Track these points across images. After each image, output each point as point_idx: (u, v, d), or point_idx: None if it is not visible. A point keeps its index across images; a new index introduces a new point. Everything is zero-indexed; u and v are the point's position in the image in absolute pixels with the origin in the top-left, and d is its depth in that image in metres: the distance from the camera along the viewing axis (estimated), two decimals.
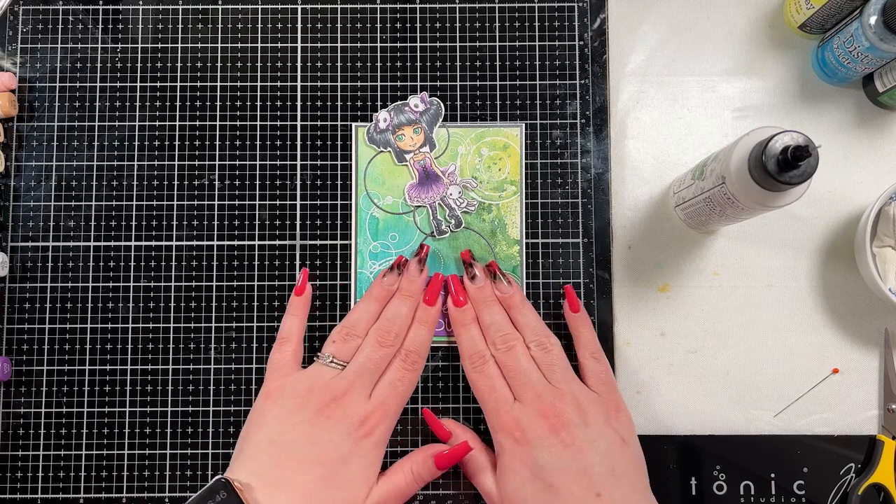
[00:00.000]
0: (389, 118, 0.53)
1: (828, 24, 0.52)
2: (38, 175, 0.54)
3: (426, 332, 0.50)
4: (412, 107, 0.53)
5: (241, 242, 0.53)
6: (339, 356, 0.48)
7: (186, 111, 0.54)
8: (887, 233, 0.49)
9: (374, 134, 0.53)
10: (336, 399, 0.46)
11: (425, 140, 0.53)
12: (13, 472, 0.52)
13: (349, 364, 0.48)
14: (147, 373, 0.52)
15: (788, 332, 0.53)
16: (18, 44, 0.55)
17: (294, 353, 0.50)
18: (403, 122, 0.53)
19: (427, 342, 0.50)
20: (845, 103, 0.54)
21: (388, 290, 0.50)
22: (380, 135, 0.53)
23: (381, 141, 0.53)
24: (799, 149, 0.38)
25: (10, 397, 0.52)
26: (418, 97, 0.53)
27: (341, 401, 0.46)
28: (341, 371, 0.48)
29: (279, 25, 0.55)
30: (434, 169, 0.53)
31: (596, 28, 0.55)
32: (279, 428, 0.45)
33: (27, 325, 0.53)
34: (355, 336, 0.49)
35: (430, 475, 0.48)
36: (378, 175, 0.53)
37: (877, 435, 0.52)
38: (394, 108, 0.53)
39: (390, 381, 0.48)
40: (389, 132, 0.53)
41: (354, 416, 0.46)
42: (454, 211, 0.53)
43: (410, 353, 0.49)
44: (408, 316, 0.50)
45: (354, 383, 0.47)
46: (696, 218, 0.50)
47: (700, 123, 0.55)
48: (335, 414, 0.46)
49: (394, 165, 0.53)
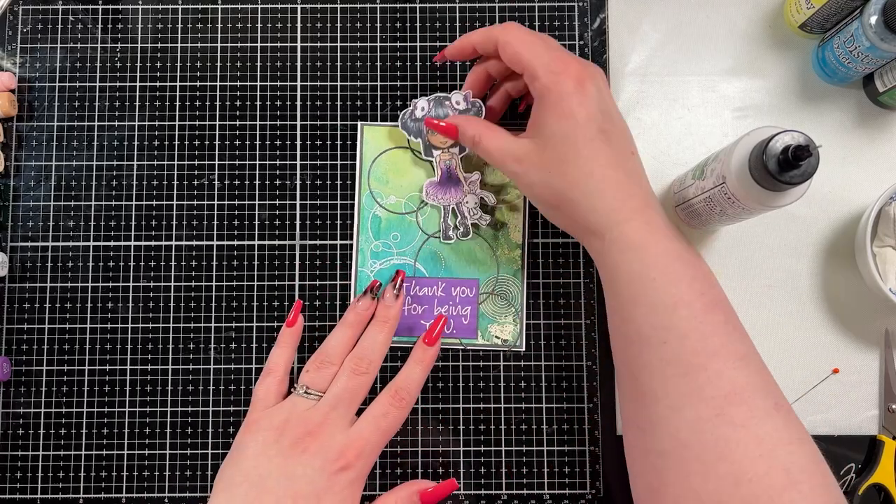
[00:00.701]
0: (428, 107, 0.52)
1: (828, 23, 0.52)
2: (37, 175, 0.54)
3: (422, 371, 0.48)
4: (453, 103, 0.51)
5: (240, 242, 0.53)
6: (314, 386, 0.47)
7: (186, 111, 0.54)
8: (888, 233, 0.49)
9: (408, 120, 0.52)
10: (311, 432, 0.45)
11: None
12: (13, 472, 0.52)
13: (325, 395, 0.47)
14: (147, 373, 0.52)
15: (788, 332, 0.53)
16: (18, 43, 0.55)
17: (278, 385, 0.48)
18: (441, 117, 0.51)
19: (421, 382, 0.48)
20: (846, 103, 0.54)
21: (364, 315, 0.49)
22: (414, 123, 0.52)
23: (415, 129, 0.52)
24: (799, 148, 0.38)
25: (9, 397, 0.52)
26: (461, 94, 0.51)
27: (317, 433, 0.45)
28: (317, 402, 0.46)
29: (279, 25, 0.55)
30: (458, 172, 0.52)
31: (596, 28, 0.55)
32: (255, 461, 0.44)
33: (27, 325, 0.53)
34: (330, 364, 0.48)
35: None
36: (382, 174, 0.53)
37: (877, 435, 0.52)
38: (434, 99, 0.52)
39: (374, 415, 0.46)
40: (423, 123, 0.52)
41: (330, 449, 0.44)
42: (465, 220, 0.52)
43: (401, 390, 0.47)
44: (385, 342, 0.48)
45: (329, 415, 0.45)
46: (697, 218, 0.50)
47: (700, 123, 0.55)
48: (311, 447, 0.44)
49: (399, 165, 0.53)
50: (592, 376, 0.52)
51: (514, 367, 0.52)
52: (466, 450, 0.52)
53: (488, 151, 0.46)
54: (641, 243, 0.41)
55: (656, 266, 0.40)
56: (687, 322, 0.39)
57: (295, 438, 0.45)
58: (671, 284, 0.40)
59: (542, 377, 0.52)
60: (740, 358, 0.39)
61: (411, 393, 0.47)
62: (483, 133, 0.46)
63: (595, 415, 0.52)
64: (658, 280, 0.40)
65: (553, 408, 0.52)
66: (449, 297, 0.52)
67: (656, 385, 0.39)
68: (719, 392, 0.38)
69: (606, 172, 0.41)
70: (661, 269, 0.40)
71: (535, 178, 0.44)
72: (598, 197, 0.42)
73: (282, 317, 0.52)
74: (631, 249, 0.41)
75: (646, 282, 0.40)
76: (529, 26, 0.55)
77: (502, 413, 0.52)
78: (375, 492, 0.51)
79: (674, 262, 0.40)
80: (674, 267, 0.40)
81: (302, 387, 0.47)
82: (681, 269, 0.40)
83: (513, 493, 0.51)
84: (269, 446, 0.45)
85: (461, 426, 0.52)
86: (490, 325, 0.52)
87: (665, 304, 0.40)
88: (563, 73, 0.42)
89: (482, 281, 0.53)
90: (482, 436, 0.52)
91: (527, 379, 0.52)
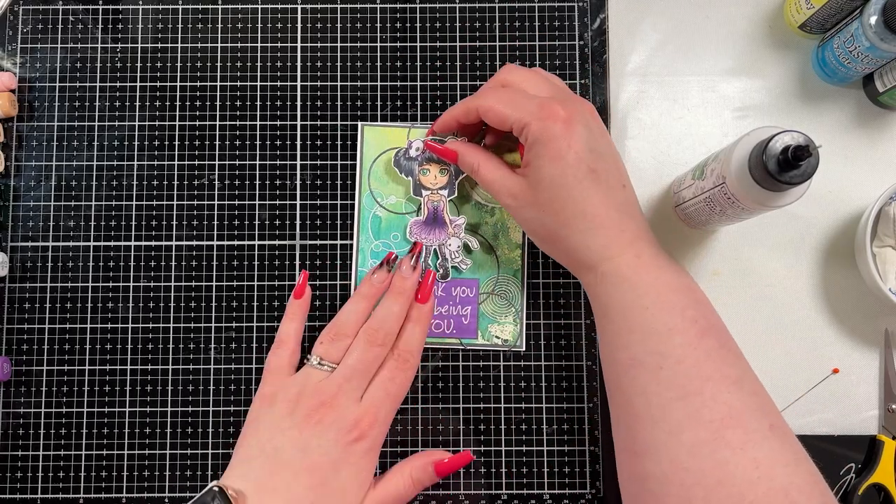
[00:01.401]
0: (422, 150, 0.52)
1: (828, 23, 0.52)
2: (37, 175, 0.54)
3: (420, 331, 0.49)
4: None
5: (240, 242, 0.53)
6: (328, 358, 0.47)
7: (186, 111, 0.54)
8: (887, 233, 0.49)
9: (401, 159, 0.52)
10: (325, 403, 0.45)
11: (448, 183, 0.52)
12: (13, 472, 0.52)
13: (339, 366, 0.47)
14: (147, 373, 0.52)
15: (788, 332, 0.53)
16: (18, 44, 0.55)
17: (290, 356, 0.49)
18: (433, 160, 0.52)
19: (421, 341, 0.49)
20: (846, 103, 0.54)
21: (379, 287, 0.49)
22: (407, 162, 0.52)
23: (406, 168, 0.52)
24: (799, 148, 0.38)
25: (9, 397, 0.52)
26: (457, 140, 0.50)
27: (331, 405, 0.45)
28: (330, 373, 0.47)
29: (279, 25, 0.55)
30: (444, 215, 0.52)
31: (596, 28, 0.55)
32: (270, 434, 0.45)
33: (27, 325, 0.53)
34: (345, 336, 0.48)
35: (429, 481, 0.47)
36: (382, 174, 0.53)
37: (877, 435, 0.52)
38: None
39: (381, 381, 0.47)
40: (416, 163, 0.52)
41: (344, 420, 0.45)
42: (446, 262, 0.52)
43: (403, 352, 0.48)
44: (400, 315, 0.48)
45: (343, 386, 0.46)
46: (697, 218, 0.50)
47: (700, 123, 0.55)
48: (325, 419, 0.45)
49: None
50: (592, 376, 0.52)
51: (514, 367, 0.52)
52: (466, 450, 0.52)
53: (486, 182, 0.47)
54: (633, 275, 0.42)
55: (648, 295, 0.41)
56: (682, 349, 0.40)
57: (309, 410, 0.45)
58: (664, 313, 0.40)
59: (542, 377, 0.52)
60: (734, 381, 0.39)
61: (414, 353, 0.48)
62: (482, 163, 0.47)
63: (595, 415, 0.52)
64: (651, 308, 0.41)
65: (553, 408, 0.52)
66: (449, 297, 0.52)
67: (653, 409, 0.40)
68: (716, 416, 0.38)
69: (598, 211, 0.42)
70: (653, 297, 0.41)
71: (528, 215, 0.45)
72: (590, 235, 0.43)
73: (282, 317, 0.52)
74: (623, 282, 0.42)
75: (639, 310, 0.41)
76: (529, 26, 0.55)
77: (502, 413, 0.52)
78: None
79: (666, 292, 0.41)
80: (666, 296, 0.41)
81: (315, 357, 0.47)
82: (673, 298, 0.41)
83: (513, 493, 0.51)
84: (283, 419, 0.45)
85: (461, 426, 0.52)
86: (490, 325, 0.52)
87: (659, 332, 0.40)
88: (550, 119, 0.43)
89: (482, 281, 0.53)
90: (482, 436, 0.52)
91: (527, 379, 0.52)
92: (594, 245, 0.43)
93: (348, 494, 0.44)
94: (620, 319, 0.42)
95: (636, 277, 0.41)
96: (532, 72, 0.47)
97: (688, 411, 0.39)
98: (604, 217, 0.42)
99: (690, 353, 0.39)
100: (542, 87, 0.46)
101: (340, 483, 0.44)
